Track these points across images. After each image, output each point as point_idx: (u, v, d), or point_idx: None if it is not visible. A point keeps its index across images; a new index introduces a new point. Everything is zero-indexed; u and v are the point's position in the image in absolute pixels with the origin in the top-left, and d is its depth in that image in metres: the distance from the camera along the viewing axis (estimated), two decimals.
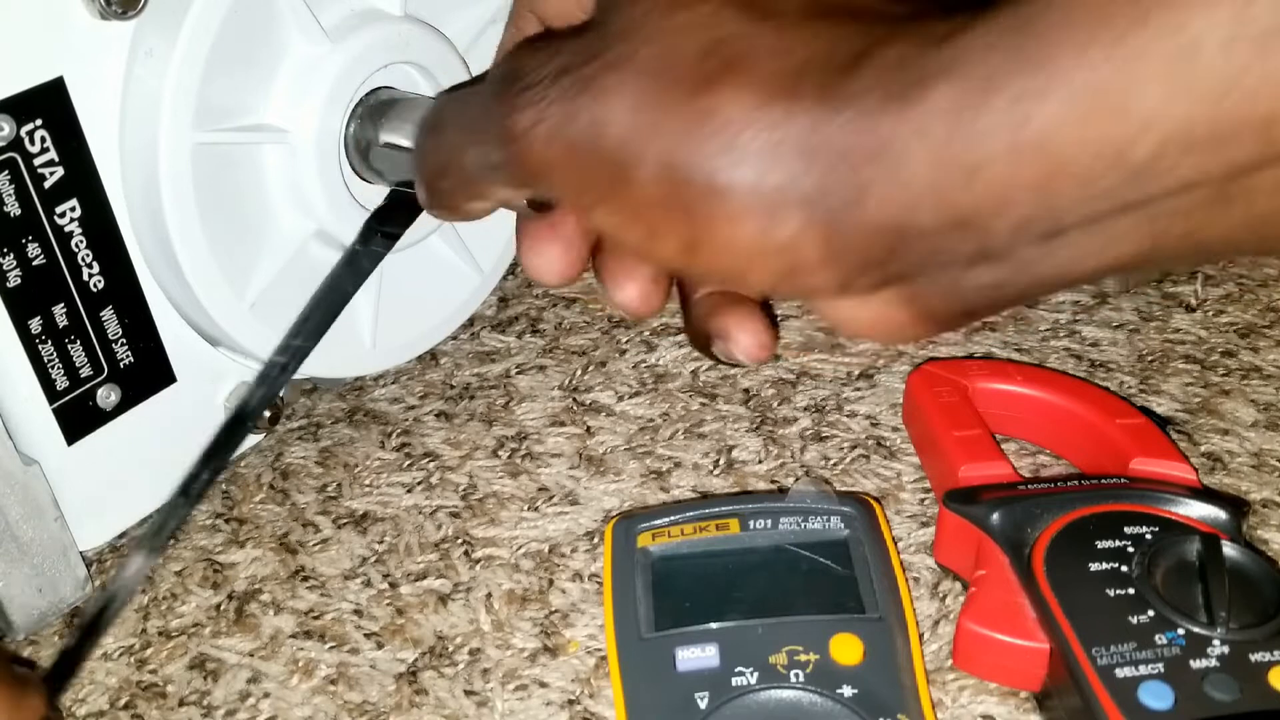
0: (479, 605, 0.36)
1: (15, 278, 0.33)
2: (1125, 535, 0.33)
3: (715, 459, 0.41)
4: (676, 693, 0.31)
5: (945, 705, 0.33)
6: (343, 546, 0.39)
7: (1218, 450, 0.41)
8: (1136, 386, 0.43)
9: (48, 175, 0.33)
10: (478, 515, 0.40)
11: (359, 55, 0.37)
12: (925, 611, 0.36)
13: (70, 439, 0.35)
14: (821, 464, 0.41)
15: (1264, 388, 0.43)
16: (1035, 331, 0.46)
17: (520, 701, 0.33)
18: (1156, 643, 0.30)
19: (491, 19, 0.42)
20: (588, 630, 0.35)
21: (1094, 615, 0.31)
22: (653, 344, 0.46)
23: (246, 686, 0.34)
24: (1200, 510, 0.34)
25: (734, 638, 0.32)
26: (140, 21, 0.33)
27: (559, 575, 0.37)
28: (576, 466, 0.41)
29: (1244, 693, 0.29)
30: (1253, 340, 0.45)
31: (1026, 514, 0.34)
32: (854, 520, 0.35)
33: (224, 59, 0.34)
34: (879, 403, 0.43)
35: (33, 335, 0.34)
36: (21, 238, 0.33)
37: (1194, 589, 0.31)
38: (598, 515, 0.39)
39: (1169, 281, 0.48)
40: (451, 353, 0.47)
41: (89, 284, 0.35)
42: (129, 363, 0.36)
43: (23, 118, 0.32)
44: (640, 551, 0.35)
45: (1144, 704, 0.29)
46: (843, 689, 0.30)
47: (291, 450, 0.43)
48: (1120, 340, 0.46)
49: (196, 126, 0.34)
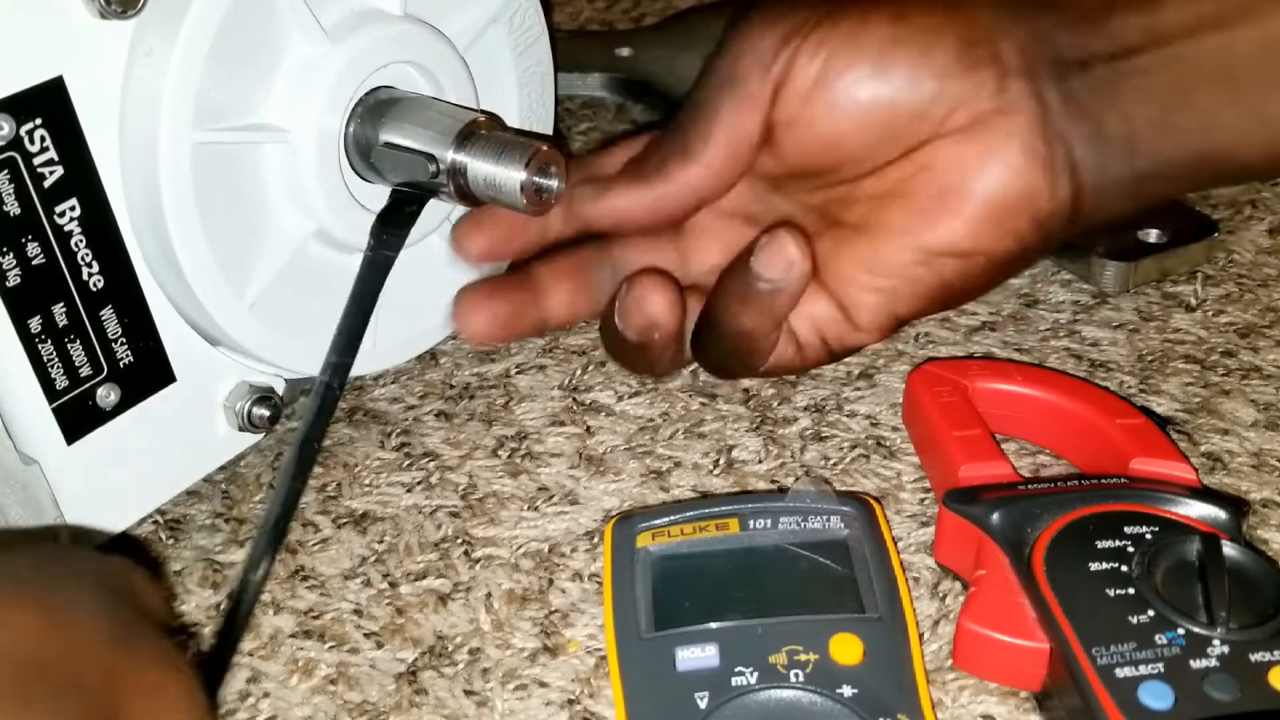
0: (479, 605, 0.36)
1: (15, 277, 0.33)
2: (1125, 535, 0.33)
3: (715, 459, 0.41)
4: (676, 692, 0.31)
5: (945, 705, 0.33)
6: (342, 546, 0.39)
7: (1218, 450, 0.41)
8: (1136, 386, 0.43)
9: (47, 175, 0.33)
10: (477, 515, 0.40)
11: (359, 55, 0.37)
12: (925, 611, 0.36)
13: (70, 438, 0.35)
14: (821, 464, 0.41)
15: (1264, 388, 0.43)
16: (1035, 331, 0.46)
17: (520, 701, 0.33)
18: (1156, 643, 0.30)
19: (492, 19, 0.42)
20: (588, 630, 0.35)
21: (1094, 615, 0.31)
22: None
23: (246, 686, 0.34)
24: (1200, 510, 0.34)
25: (734, 637, 0.32)
26: (140, 21, 0.33)
27: (559, 575, 0.37)
28: (576, 466, 0.41)
29: (1244, 693, 0.29)
30: (1253, 340, 0.45)
31: (1026, 514, 0.34)
32: (854, 520, 0.35)
33: (224, 58, 0.34)
34: (879, 402, 0.43)
35: (32, 335, 0.34)
36: (21, 237, 0.33)
37: (1194, 589, 0.31)
38: (598, 515, 0.39)
39: (1169, 281, 0.48)
40: (451, 352, 0.47)
41: (89, 283, 0.35)
42: (129, 362, 0.36)
43: (22, 117, 0.32)
44: (640, 551, 0.35)
45: (1144, 704, 0.29)
46: (843, 689, 0.30)
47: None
48: (1120, 340, 0.46)
49: (196, 126, 0.34)
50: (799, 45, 0.35)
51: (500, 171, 0.37)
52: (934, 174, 0.36)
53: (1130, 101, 0.35)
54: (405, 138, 0.37)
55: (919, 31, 0.35)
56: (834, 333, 0.37)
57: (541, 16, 0.45)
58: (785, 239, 0.34)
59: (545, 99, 0.46)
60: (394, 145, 0.38)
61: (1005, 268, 0.37)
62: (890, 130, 0.35)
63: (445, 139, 0.37)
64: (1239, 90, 0.34)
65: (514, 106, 0.45)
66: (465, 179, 0.37)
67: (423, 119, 0.38)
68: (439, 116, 0.38)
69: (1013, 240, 0.36)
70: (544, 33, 0.45)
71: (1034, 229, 0.36)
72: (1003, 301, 0.48)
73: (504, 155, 0.37)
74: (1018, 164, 0.35)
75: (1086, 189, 0.36)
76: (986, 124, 0.35)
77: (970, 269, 0.37)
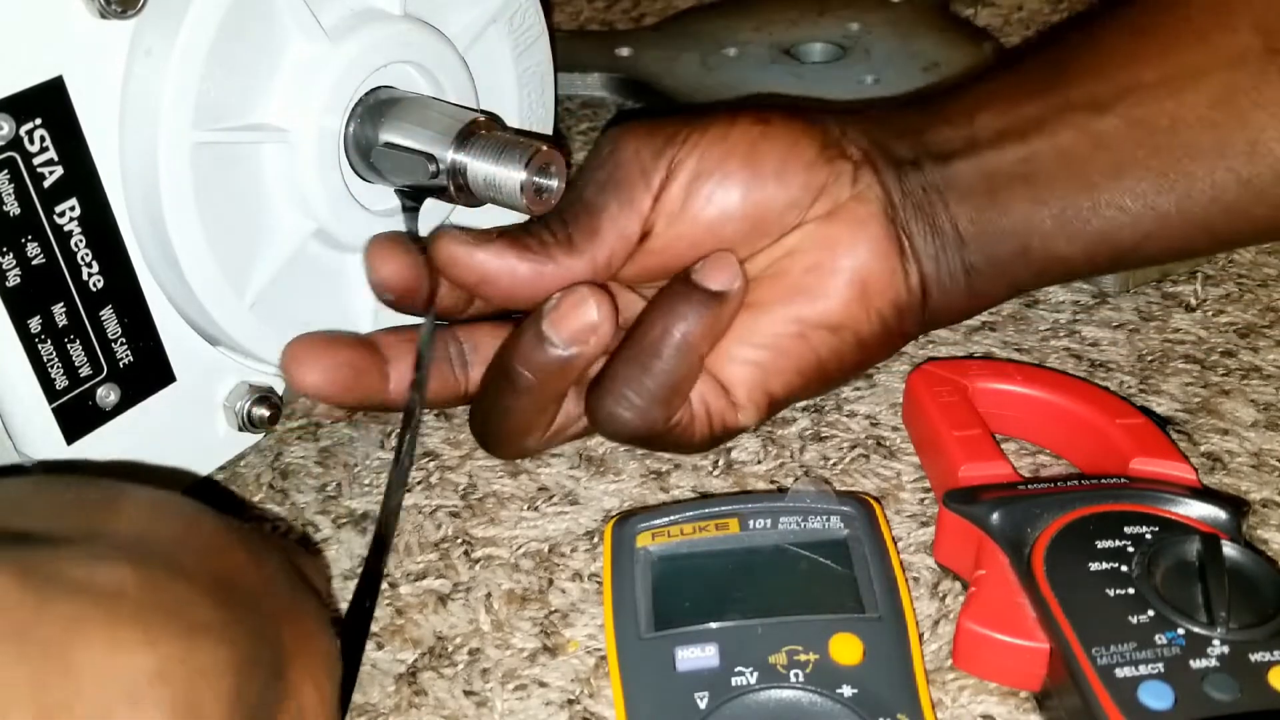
0: (479, 605, 0.36)
1: (14, 277, 0.33)
2: (1125, 535, 0.33)
3: (715, 459, 0.41)
4: (676, 692, 0.31)
5: (945, 705, 0.33)
6: (343, 546, 0.39)
7: (1218, 450, 0.41)
8: (1136, 386, 0.43)
9: (47, 174, 0.33)
10: (477, 515, 0.40)
11: (359, 55, 0.37)
12: (925, 611, 0.36)
13: (70, 438, 0.35)
14: (821, 464, 0.41)
15: (1264, 388, 0.43)
16: (1035, 331, 0.46)
17: (520, 701, 0.33)
18: (1156, 643, 0.30)
19: (492, 19, 0.42)
20: (587, 630, 0.35)
21: (1094, 615, 0.31)
22: None
23: None
24: (1200, 510, 0.34)
25: (734, 637, 0.32)
26: (140, 21, 0.33)
27: (559, 575, 0.37)
28: (576, 466, 0.41)
29: (1244, 693, 0.29)
30: (1253, 340, 0.45)
31: (1026, 514, 0.34)
32: (854, 520, 0.35)
33: (223, 58, 0.34)
34: (879, 402, 0.43)
35: (32, 335, 0.34)
36: (21, 237, 0.33)
37: (1194, 589, 0.31)
38: (597, 515, 0.39)
39: (1169, 281, 0.48)
40: None
41: (88, 283, 0.35)
42: (128, 362, 0.36)
43: (22, 117, 0.32)
44: (640, 551, 0.35)
45: (1144, 704, 0.29)
46: (842, 689, 0.30)
47: (291, 450, 0.43)
48: (1120, 340, 0.46)
49: (196, 126, 0.34)
50: (677, 150, 0.37)
51: (500, 171, 0.37)
52: (804, 254, 0.38)
53: (954, 201, 0.38)
54: (405, 138, 0.37)
55: (782, 131, 0.38)
56: (716, 409, 0.38)
57: (541, 16, 0.45)
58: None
59: (545, 99, 0.46)
60: (394, 145, 0.38)
61: (873, 349, 0.39)
62: (763, 220, 0.37)
63: (445, 139, 0.37)
64: (1042, 194, 0.38)
65: (514, 106, 0.45)
66: (465, 179, 0.37)
67: (422, 119, 0.38)
68: (439, 116, 0.38)
69: (878, 320, 0.38)
70: (544, 33, 0.45)
71: (894, 313, 0.39)
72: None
73: (504, 155, 0.37)
74: (878, 245, 0.38)
75: (929, 279, 0.39)
76: (846, 211, 0.38)
77: (841, 346, 0.38)
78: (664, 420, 0.37)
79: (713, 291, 0.36)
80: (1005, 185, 0.38)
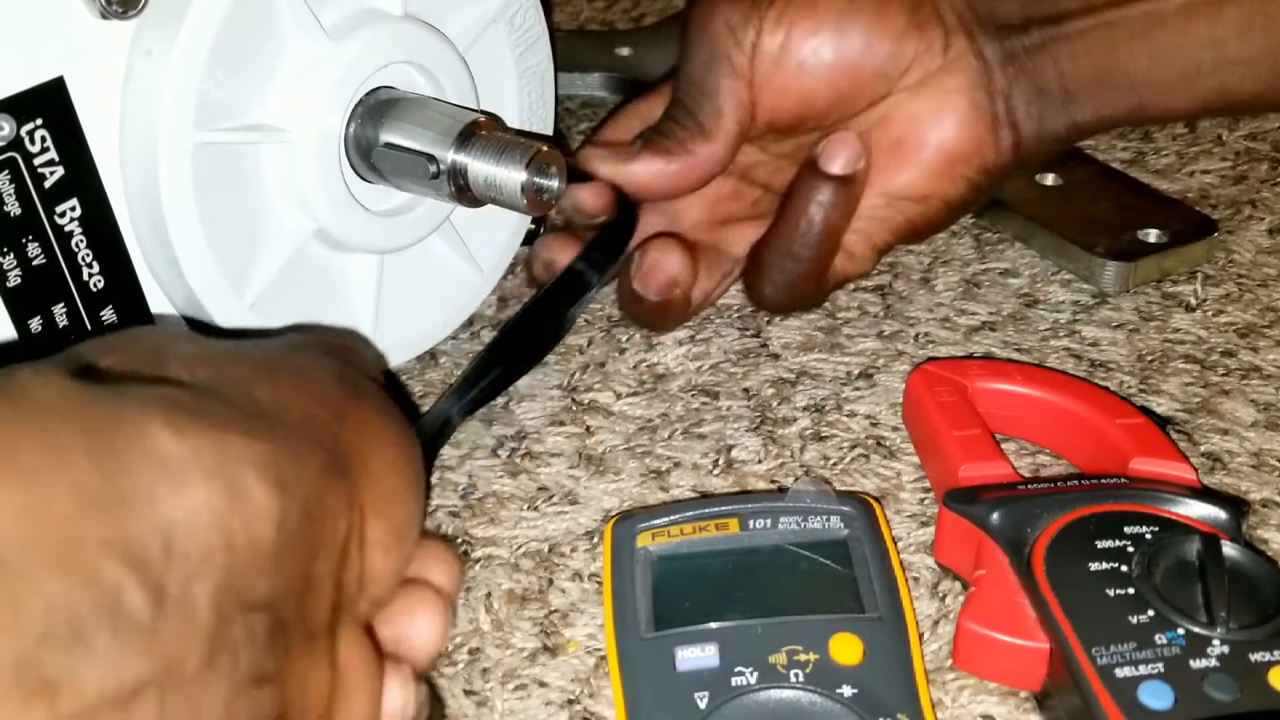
0: (479, 605, 0.36)
1: (15, 277, 0.33)
2: (1125, 535, 0.33)
3: (715, 459, 0.41)
4: (676, 692, 0.31)
5: (945, 705, 0.33)
6: None
7: (1218, 450, 0.41)
8: (1136, 386, 0.43)
9: (48, 175, 0.33)
10: (477, 515, 0.40)
11: (359, 55, 0.37)
12: (925, 611, 0.36)
13: None
14: (821, 464, 0.41)
15: (1264, 388, 0.43)
16: (1035, 331, 0.46)
17: (520, 701, 0.33)
18: (1156, 642, 0.30)
19: (492, 19, 0.42)
20: (587, 630, 0.35)
21: (1094, 615, 0.31)
22: (653, 343, 0.46)
23: None
24: (1200, 510, 0.34)
25: (734, 637, 0.32)
26: (140, 21, 0.33)
27: (559, 575, 0.37)
28: (576, 466, 0.41)
29: (1244, 693, 0.29)
30: (1253, 340, 0.45)
31: (1026, 514, 0.34)
32: (854, 520, 0.35)
33: (224, 58, 0.34)
34: (879, 402, 0.43)
35: (33, 335, 0.34)
36: (21, 237, 0.33)
37: (1194, 589, 0.31)
38: (597, 515, 0.39)
39: (1169, 281, 0.48)
40: (451, 352, 0.47)
41: (89, 284, 0.35)
42: None
43: (23, 117, 0.32)
44: (640, 551, 0.35)
45: (1144, 704, 0.29)
46: (842, 689, 0.30)
47: None
48: (1120, 340, 0.46)
49: (196, 126, 0.34)
50: (762, 17, 0.39)
51: (500, 172, 0.37)
52: (891, 126, 0.40)
53: (1066, 60, 0.39)
54: (405, 138, 0.37)
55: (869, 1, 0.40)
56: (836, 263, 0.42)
57: (541, 16, 0.45)
58: (848, 135, 0.39)
59: (545, 99, 0.46)
60: (394, 146, 0.38)
61: (961, 208, 0.42)
62: (852, 89, 0.40)
63: (445, 139, 0.37)
64: (1162, 50, 0.39)
65: (514, 106, 0.45)
66: (465, 179, 0.37)
67: (423, 119, 0.38)
68: (439, 117, 0.38)
69: (965, 185, 0.41)
70: (544, 33, 0.45)
71: (982, 175, 0.41)
72: (1003, 301, 0.48)
73: (504, 156, 0.37)
74: (965, 118, 0.40)
75: (1026, 139, 0.40)
76: (936, 81, 0.40)
77: (928, 210, 0.41)
78: (811, 294, 0.41)
79: (840, 177, 0.38)
80: (1126, 41, 0.39)
